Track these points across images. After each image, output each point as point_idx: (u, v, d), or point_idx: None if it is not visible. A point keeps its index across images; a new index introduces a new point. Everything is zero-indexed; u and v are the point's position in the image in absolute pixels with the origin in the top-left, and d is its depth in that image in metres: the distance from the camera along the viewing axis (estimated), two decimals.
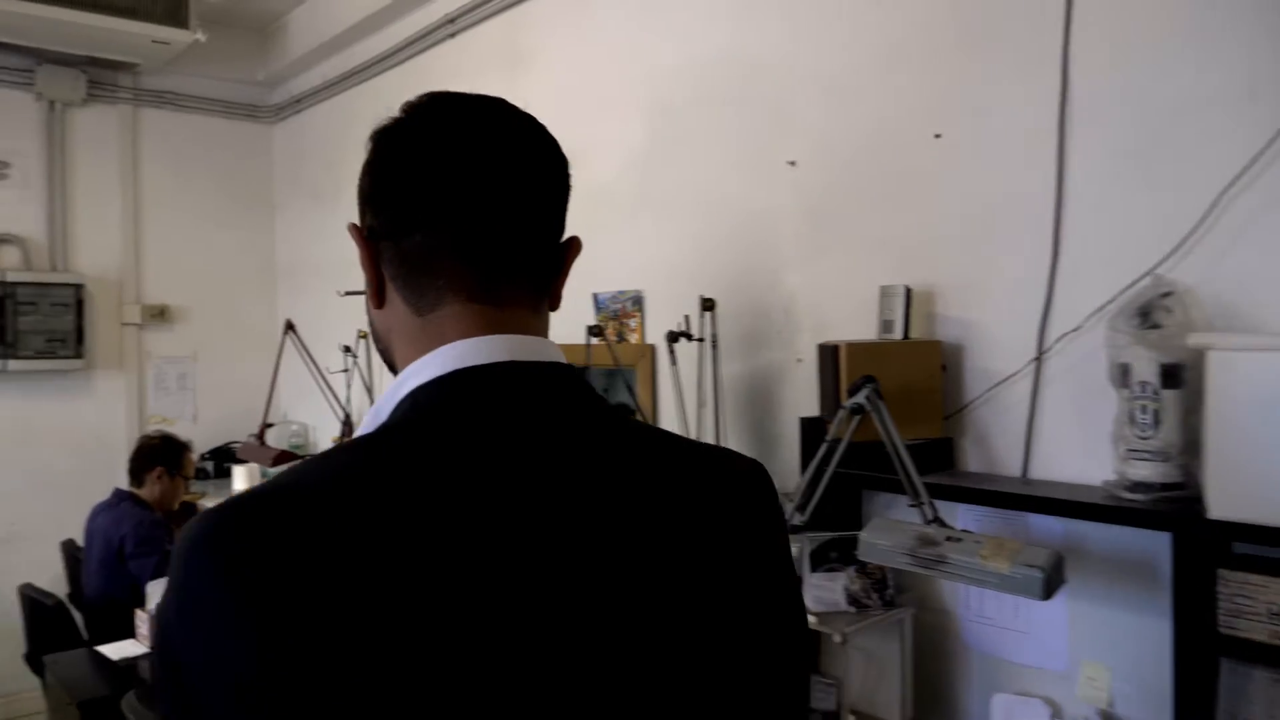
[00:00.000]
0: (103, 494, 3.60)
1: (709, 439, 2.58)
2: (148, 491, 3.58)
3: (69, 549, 4.03)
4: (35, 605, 3.38)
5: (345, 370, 3.88)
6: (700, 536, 0.76)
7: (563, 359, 0.79)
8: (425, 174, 0.77)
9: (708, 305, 2.56)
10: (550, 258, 0.82)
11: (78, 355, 4.60)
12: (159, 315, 4.97)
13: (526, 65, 3.58)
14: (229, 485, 4.51)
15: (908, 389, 2.08)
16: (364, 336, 3.92)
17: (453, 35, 3.95)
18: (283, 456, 3.79)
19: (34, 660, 3.26)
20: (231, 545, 0.64)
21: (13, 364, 4.43)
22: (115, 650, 2.97)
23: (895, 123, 2.30)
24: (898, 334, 2.16)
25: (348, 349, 3.91)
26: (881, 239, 2.33)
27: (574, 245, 0.84)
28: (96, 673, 2.80)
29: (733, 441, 2.62)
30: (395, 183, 0.79)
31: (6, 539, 4.50)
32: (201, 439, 4.99)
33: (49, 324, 4.53)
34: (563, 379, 0.78)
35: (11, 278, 4.44)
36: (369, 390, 3.88)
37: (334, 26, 4.45)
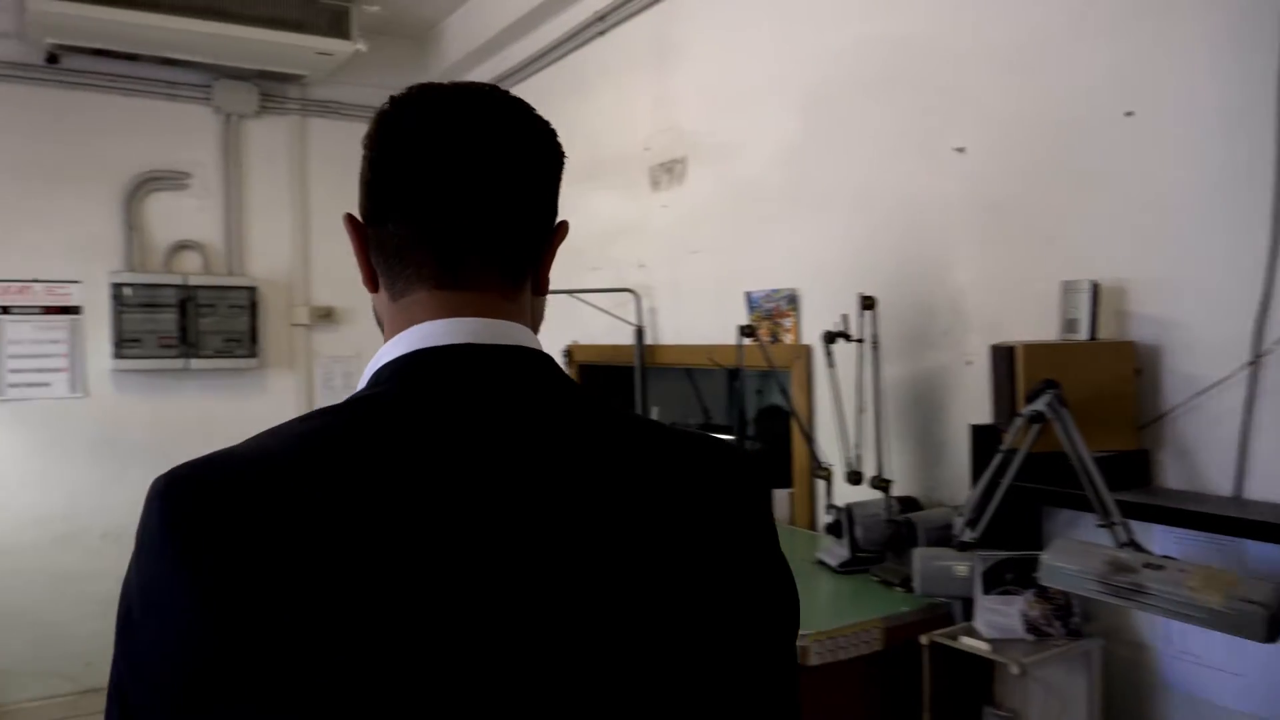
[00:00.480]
0: None
1: (869, 446, 2.43)
2: None
3: None
4: None
5: None
6: (654, 518, 0.75)
7: (532, 344, 0.80)
8: (397, 165, 0.80)
9: (867, 303, 2.40)
10: (526, 245, 0.82)
11: (252, 355, 4.83)
12: (325, 316, 5.16)
13: (675, 59, 3.50)
14: None
15: (1095, 395, 1.87)
16: None
17: (602, 33, 3.91)
18: None
19: None
20: (184, 500, 0.67)
21: (194, 363, 4.69)
22: None
23: (1079, 100, 2.08)
24: (1083, 334, 1.96)
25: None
26: (1063, 229, 2.12)
27: (559, 230, 0.86)
28: None
29: (895, 449, 2.46)
30: (374, 174, 0.82)
31: None
32: None
33: (226, 325, 4.78)
34: (524, 362, 0.78)
35: (193, 281, 4.70)
36: None
37: (487, 30, 4.50)
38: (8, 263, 4.41)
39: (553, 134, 0.86)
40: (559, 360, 3.99)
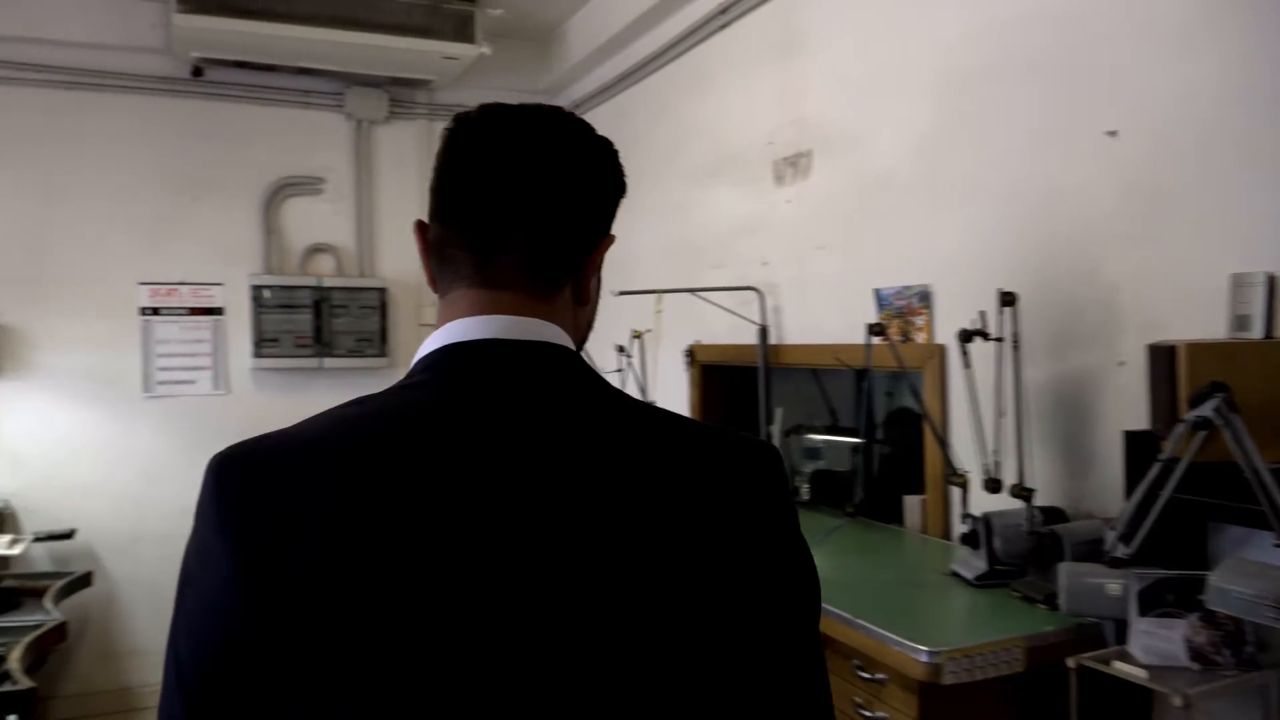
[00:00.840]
0: None
1: (1009, 452, 2.28)
2: None
3: None
4: None
5: (619, 370, 3.88)
6: (667, 508, 0.78)
7: (561, 341, 0.85)
8: (450, 174, 0.88)
9: (1007, 300, 2.25)
10: (561, 253, 0.88)
11: (382, 354, 4.96)
12: None
13: (800, 50, 3.40)
14: None
15: (1270, 399, 1.69)
16: (638, 336, 3.90)
17: (725, 26, 3.83)
18: None
19: None
20: (230, 477, 0.75)
21: (328, 362, 4.84)
22: None
23: (1250, 77, 1.89)
24: (1256, 332, 1.78)
25: (621, 348, 3.90)
26: (1231, 218, 1.93)
27: (603, 243, 0.91)
28: None
29: (1037, 456, 2.30)
30: (434, 181, 0.89)
31: None
32: None
33: (358, 325, 4.92)
34: (549, 357, 0.84)
35: (327, 283, 4.86)
36: (642, 389, 3.85)
37: (609, 29, 4.48)
38: (157, 266, 4.64)
39: (610, 155, 0.93)
40: (680, 361, 3.94)
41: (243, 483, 0.75)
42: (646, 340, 3.89)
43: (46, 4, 4.33)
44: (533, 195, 0.86)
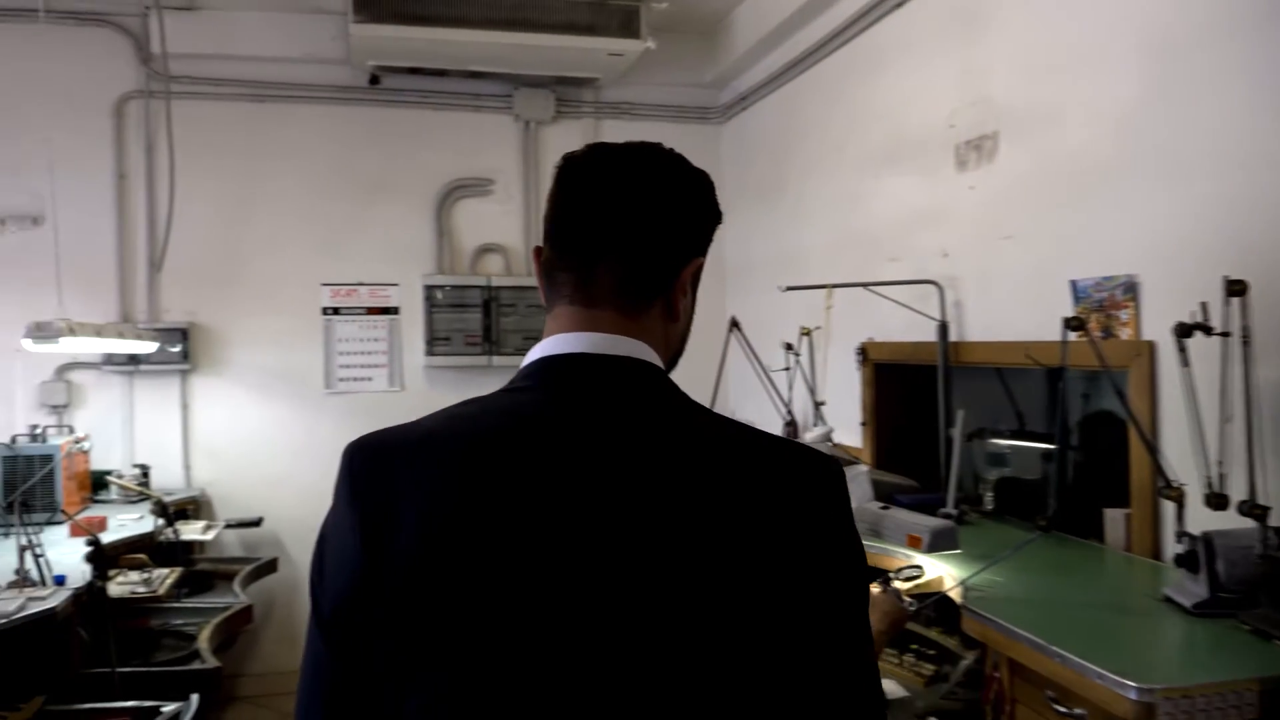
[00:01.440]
0: None
1: (1236, 463, 1.99)
2: None
3: None
4: None
5: (787, 369, 3.73)
6: (725, 514, 0.86)
7: (645, 356, 0.96)
8: (556, 205, 1.01)
9: (1236, 289, 1.97)
10: (649, 276, 0.98)
11: None
12: None
13: (982, 24, 3.14)
14: None
15: None
16: (807, 333, 3.74)
17: (899, 5, 3.62)
18: None
19: None
20: (359, 461, 0.91)
21: (496, 360, 4.92)
22: None
23: None
24: None
25: (789, 346, 3.74)
26: None
27: (690, 265, 1.01)
28: None
29: (1272, 469, 2.00)
30: (546, 213, 1.03)
31: None
32: None
33: (525, 324, 4.97)
34: (631, 371, 0.94)
35: (495, 283, 4.93)
36: (811, 389, 3.69)
37: (777, 16, 4.33)
38: (338, 268, 4.84)
39: (701, 186, 1.04)
40: (852, 359, 3.74)
41: (367, 466, 0.91)
42: (816, 338, 3.71)
43: (237, 23, 4.59)
44: (624, 224, 0.98)
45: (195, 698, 2.54)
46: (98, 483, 4.28)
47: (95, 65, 4.55)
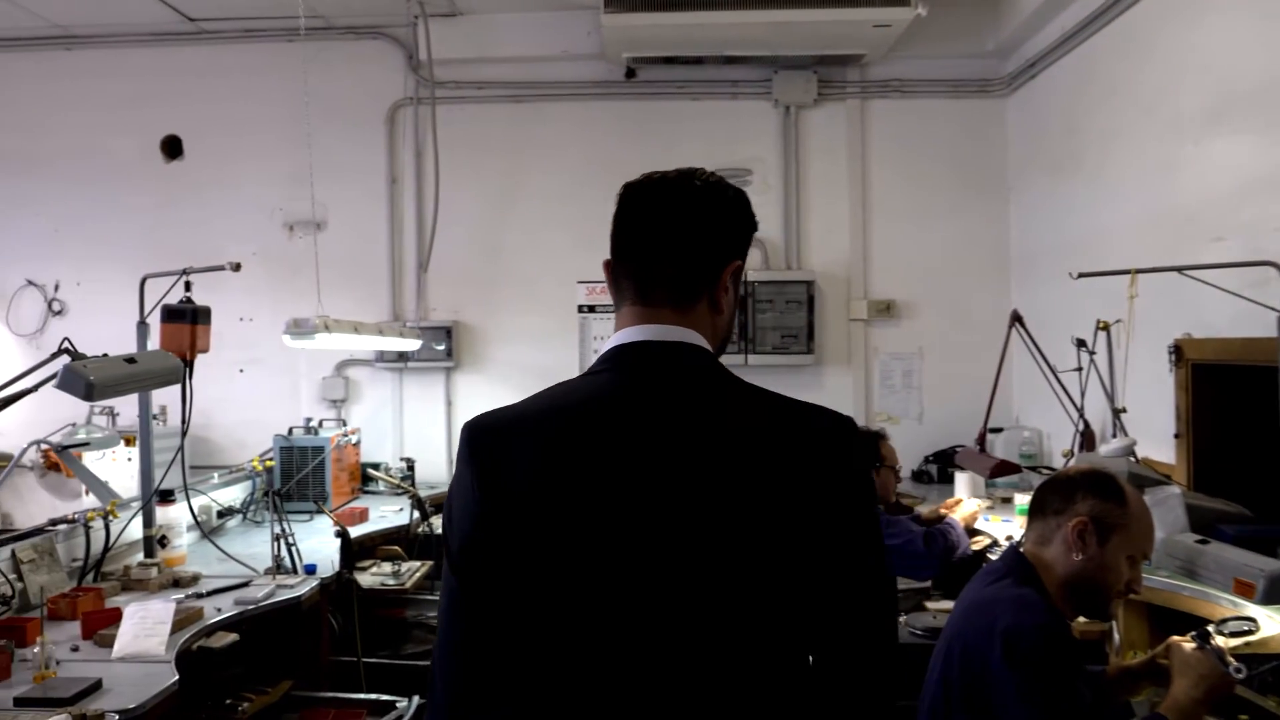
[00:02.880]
0: None
1: None
2: None
3: None
4: None
5: (1078, 369, 3.19)
6: (754, 465, 1.11)
7: (694, 340, 1.19)
8: (618, 227, 1.25)
9: None
10: (693, 279, 1.21)
11: (808, 350, 4.69)
12: (885, 310, 4.83)
13: None
14: (951, 491, 4.15)
15: None
16: (1104, 328, 3.19)
17: None
18: (1002, 467, 3.27)
19: None
20: (475, 433, 1.17)
21: (752, 358, 4.68)
22: None
23: None
24: None
25: (1081, 343, 3.20)
26: None
27: (729, 267, 1.23)
28: None
29: None
30: (612, 231, 1.26)
31: None
32: (926, 441, 4.73)
33: (783, 320, 4.69)
34: (684, 352, 1.19)
35: (752, 277, 4.69)
36: (1108, 394, 3.13)
37: None
38: (593, 265, 4.75)
39: (737, 205, 1.26)
40: (1163, 358, 3.13)
41: (482, 437, 1.16)
42: (1116, 332, 3.15)
43: (497, 25, 4.68)
44: (672, 236, 1.21)
45: (414, 700, 2.50)
46: (367, 475, 4.50)
47: (371, 76, 4.82)
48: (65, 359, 2.24)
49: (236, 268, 2.98)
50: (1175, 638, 1.95)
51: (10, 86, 4.94)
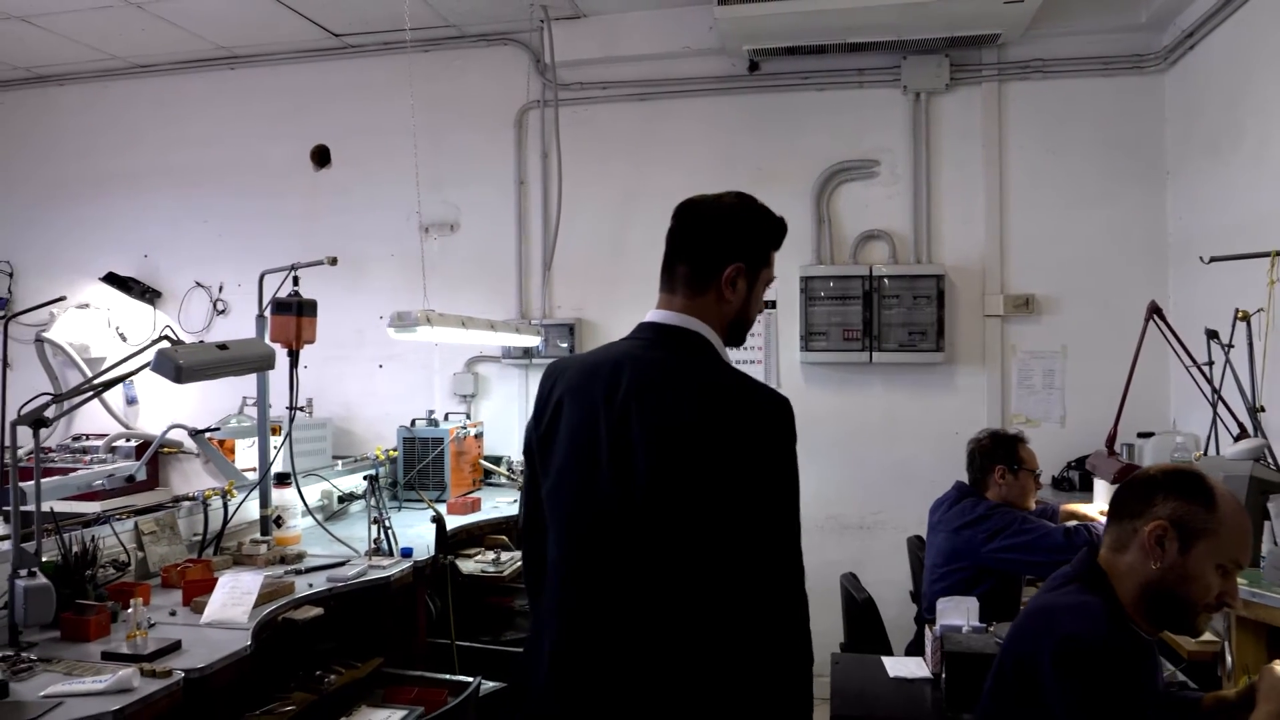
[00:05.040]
0: None
1: None
2: (994, 494, 3.20)
3: (913, 545, 3.89)
4: (848, 598, 3.27)
5: (1209, 363, 2.88)
6: (683, 423, 1.50)
7: (694, 327, 1.61)
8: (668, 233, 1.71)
9: None
10: (701, 275, 1.64)
11: (938, 348, 4.46)
12: (1023, 306, 4.52)
13: None
14: (1091, 498, 3.87)
15: None
16: (1244, 318, 2.87)
17: None
18: (1125, 470, 3.00)
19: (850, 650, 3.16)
20: (545, 371, 1.73)
21: (877, 356, 4.50)
22: (897, 665, 2.64)
23: None
24: None
25: (1213, 335, 2.89)
26: None
27: (730, 269, 1.64)
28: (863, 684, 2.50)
29: None
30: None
31: (869, 527, 4.60)
32: (1069, 445, 4.41)
33: (911, 317, 4.49)
34: (679, 332, 1.62)
35: (878, 271, 4.52)
36: (1241, 390, 2.81)
37: None
38: None
39: (751, 215, 1.71)
40: None
41: (545, 375, 1.73)
42: (1257, 323, 2.83)
43: (620, 25, 4.72)
44: (686, 245, 1.67)
45: (478, 681, 2.54)
46: (488, 468, 4.62)
47: (501, 81, 4.96)
48: (165, 345, 2.42)
49: (333, 262, 3.13)
50: (1277, 662, 1.73)
51: (182, 105, 5.41)
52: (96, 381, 2.44)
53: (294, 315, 2.98)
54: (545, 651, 1.58)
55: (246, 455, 4.38)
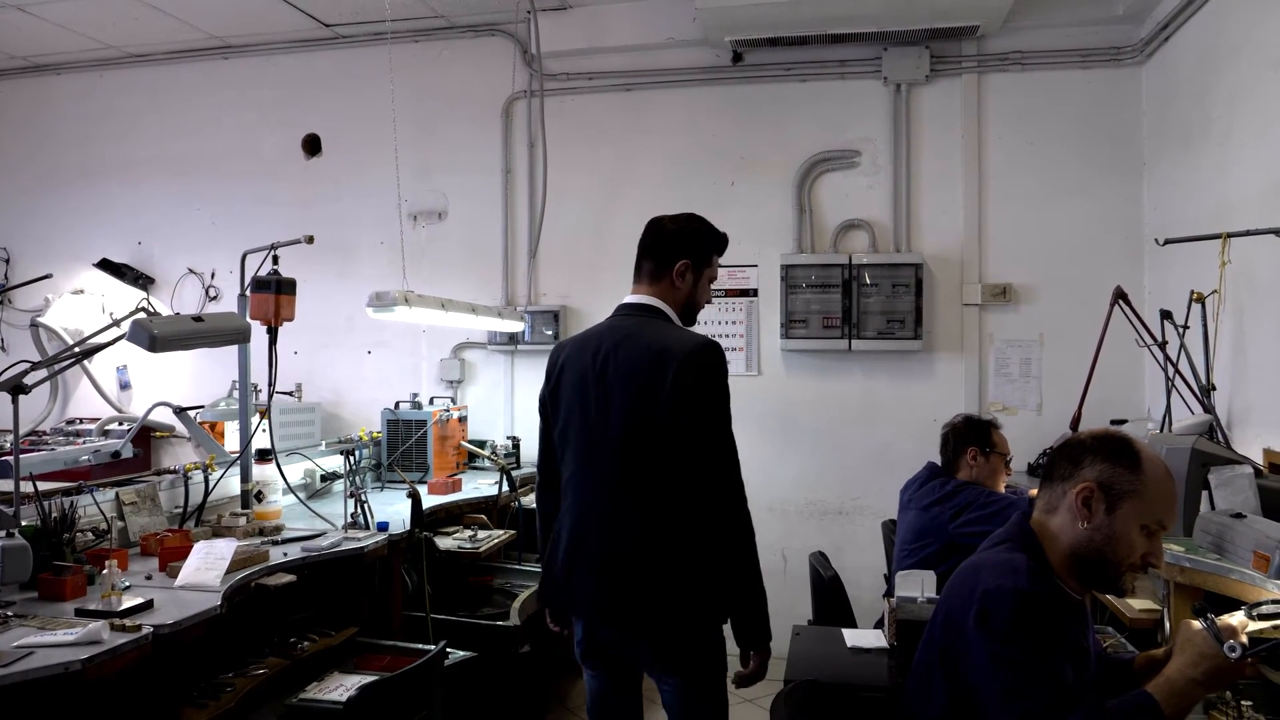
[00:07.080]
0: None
1: None
2: (965, 475, 3.25)
3: (888, 530, 3.95)
4: (815, 576, 3.33)
5: (1164, 343, 2.94)
6: (641, 366, 2.16)
7: (654, 303, 2.28)
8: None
9: None
10: (658, 267, 2.29)
11: (916, 336, 4.52)
12: (1001, 295, 4.59)
13: None
14: None
15: None
16: (1198, 300, 2.93)
17: None
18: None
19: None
20: (555, 346, 2.45)
21: (856, 343, 4.56)
22: (857, 636, 2.71)
23: None
24: None
25: (1167, 315, 2.95)
26: None
27: (678, 263, 2.28)
28: (817, 652, 2.56)
29: None
30: None
31: (848, 512, 4.66)
32: (1045, 432, 4.45)
33: (890, 305, 4.55)
34: (644, 307, 2.29)
35: (858, 260, 4.58)
36: (1194, 368, 2.86)
37: None
38: None
39: (687, 230, 2.33)
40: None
41: (554, 349, 2.40)
42: (1213, 304, 2.89)
43: (604, 16, 4.79)
44: (648, 247, 2.32)
45: (442, 645, 2.60)
46: (472, 451, 4.69)
47: (488, 71, 5.04)
48: (140, 316, 2.49)
49: (310, 240, 3.19)
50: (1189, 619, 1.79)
51: (177, 95, 5.50)
52: (76, 350, 2.51)
53: (273, 293, 3.05)
54: (564, 534, 2.26)
55: (236, 438, 4.45)
